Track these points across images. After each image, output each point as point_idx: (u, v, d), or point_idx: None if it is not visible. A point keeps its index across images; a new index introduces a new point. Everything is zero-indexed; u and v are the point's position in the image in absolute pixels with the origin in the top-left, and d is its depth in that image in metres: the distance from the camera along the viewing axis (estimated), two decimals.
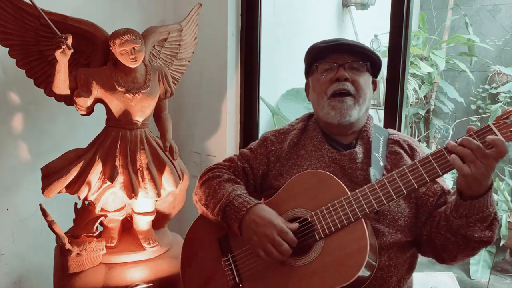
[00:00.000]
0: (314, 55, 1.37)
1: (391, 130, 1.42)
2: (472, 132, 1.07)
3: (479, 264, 3.34)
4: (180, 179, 1.83)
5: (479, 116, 4.00)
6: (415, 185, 1.11)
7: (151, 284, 1.71)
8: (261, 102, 2.50)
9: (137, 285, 1.70)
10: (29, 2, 1.59)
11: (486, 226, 1.12)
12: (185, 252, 1.42)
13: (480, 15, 4.01)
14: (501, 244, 3.28)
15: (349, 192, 1.16)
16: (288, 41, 3.07)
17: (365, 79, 1.32)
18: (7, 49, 1.69)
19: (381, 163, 1.27)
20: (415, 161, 1.12)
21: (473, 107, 4.01)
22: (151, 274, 1.75)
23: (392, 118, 1.88)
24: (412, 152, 1.34)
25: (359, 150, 1.31)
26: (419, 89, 3.69)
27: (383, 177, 1.15)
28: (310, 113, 1.48)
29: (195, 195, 1.43)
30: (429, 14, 4.05)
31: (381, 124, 1.93)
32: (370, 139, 1.33)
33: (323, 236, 1.16)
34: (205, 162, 2.44)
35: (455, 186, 1.18)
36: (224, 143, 2.36)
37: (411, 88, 3.53)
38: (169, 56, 1.96)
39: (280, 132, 1.44)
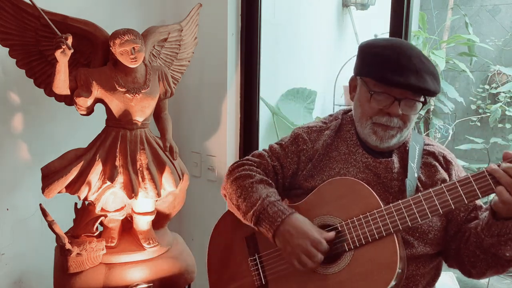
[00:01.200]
0: (374, 72, 1.23)
1: (426, 139, 1.38)
2: None
3: None
4: (180, 179, 1.83)
5: (479, 116, 4.00)
6: (452, 206, 1.08)
7: (151, 284, 1.71)
8: (261, 102, 2.50)
9: (137, 285, 1.70)
10: (29, 2, 1.59)
11: None
12: (213, 245, 1.42)
13: (480, 15, 4.01)
14: None
15: (382, 205, 1.15)
16: (288, 41, 3.07)
17: (416, 110, 1.25)
18: (7, 49, 1.69)
19: (415, 174, 1.25)
20: (455, 180, 1.10)
21: (473, 107, 4.01)
22: (151, 274, 1.75)
23: None
24: (447, 165, 1.31)
25: (395, 159, 1.28)
26: None
27: (420, 194, 1.12)
28: (345, 110, 1.43)
29: (224, 189, 1.40)
30: (429, 14, 4.05)
31: None
32: (407, 148, 1.29)
33: (353, 247, 1.15)
34: (205, 162, 2.44)
35: (486, 201, 1.18)
36: (224, 143, 2.36)
37: None
38: (169, 56, 1.96)
39: (312, 129, 1.38)
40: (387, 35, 1.90)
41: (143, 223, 1.83)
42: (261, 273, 1.26)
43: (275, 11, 2.90)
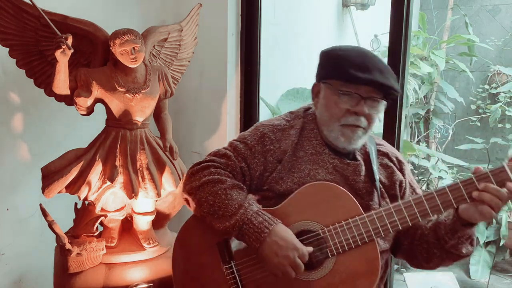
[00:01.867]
0: (338, 69, 1.25)
1: (377, 139, 1.41)
2: (488, 172, 1.11)
3: (479, 264, 3.34)
4: (180, 179, 1.83)
5: (479, 116, 4.00)
6: (430, 214, 1.15)
7: (151, 284, 1.71)
8: (261, 102, 2.50)
9: (137, 285, 1.70)
10: (29, 2, 1.59)
11: (470, 242, 1.21)
12: (178, 255, 1.35)
13: (480, 15, 4.01)
14: (501, 244, 3.28)
15: (363, 213, 1.18)
16: (288, 41, 3.07)
17: (380, 110, 1.29)
18: (7, 49, 1.69)
19: (376, 176, 1.29)
20: (433, 190, 1.16)
21: (473, 107, 4.01)
22: (151, 274, 1.75)
23: (392, 118, 1.88)
24: (400, 166, 1.37)
25: (361, 162, 1.31)
26: (419, 89, 3.68)
27: (400, 202, 1.17)
28: (306, 108, 1.41)
29: (187, 194, 1.31)
30: (429, 14, 4.05)
31: (381, 124, 1.93)
32: (367, 150, 1.33)
33: (335, 253, 1.17)
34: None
35: None
36: (224, 143, 2.33)
37: (411, 88, 3.53)
38: (169, 56, 1.96)
39: (277, 128, 1.34)
40: (387, 35, 1.90)
41: (143, 223, 1.83)
42: (238, 282, 1.23)
43: (275, 11, 2.90)
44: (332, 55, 1.29)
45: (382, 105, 1.28)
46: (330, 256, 1.17)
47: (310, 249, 1.18)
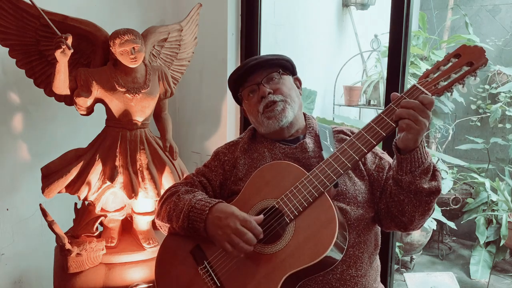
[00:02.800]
0: (234, 86, 1.47)
1: (333, 126, 1.50)
2: (403, 94, 1.18)
3: (479, 264, 3.34)
4: (180, 179, 1.83)
5: (479, 116, 4.00)
6: (365, 150, 1.19)
7: (151, 284, 1.71)
8: None
9: (137, 285, 1.70)
10: (29, 2, 1.59)
11: (430, 177, 1.21)
12: (159, 273, 1.38)
13: (480, 15, 4.01)
14: (501, 244, 3.28)
15: (307, 172, 1.23)
16: (288, 41, 3.07)
17: (285, 82, 1.42)
18: (7, 49, 1.69)
19: (331, 149, 1.35)
20: (360, 129, 1.22)
21: (473, 107, 4.01)
22: (151, 274, 1.75)
23: None
24: None
25: (308, 140, 1.38)
26: None
27: (335, 151, 1.23)
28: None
29: (157, 218, 1.43)
30: (429, 14, 4.05)
31: None
32: (317, 132, 1.42)
33: (292, 217, 1.20)
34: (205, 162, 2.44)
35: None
36: (224, 143, 2.36)
37: None
38: (169, 56, 1.96)
39: (230, 144, 1.50)
40: (387, 35, 1.90)
41: (143, 223, 1.83)
42: (214, 278, 1.26)
43: (275, 11, 2.89)
44: (228, 82, 1.50)
45: (287, 79, 1.44)
46: (289, 221, 1.20)
47: (260, 217, 1.22)
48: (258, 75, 1.41)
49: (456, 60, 1.16)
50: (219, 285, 1.25)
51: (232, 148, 1.48)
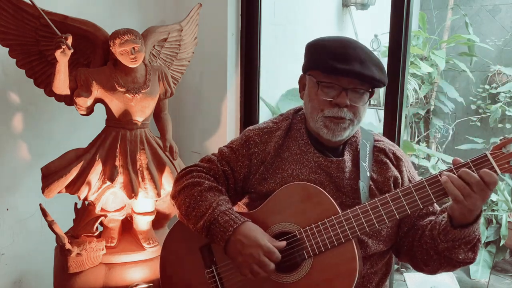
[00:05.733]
0: (319, 63, 1.24)
1: (376, 135, 1.39)
2: (469, 161, 1.07)
3: (479, 264, 3.34)
4: None
5: (479, 116, 4.00)
6: (408, 211, 1.10)
7: (151, 284, 1.71)
8: (261, 102, 2.49)
9: (137, 285, 1.70)
10: (29, 2, 1.59)
11: (469, 248, 1.14)
12: (164, 259, 1.37)
13: (480, 15, 4.00)
14: (501, 244, 3.28)
15: (340, 211, 1.15)
16: (288, 41, 3.07)
17: (364, 101, 1.26)
18: (7, 49, 1.69)
19: (368, 173, 1.26)
20: (410, 185, 1.12)
21: (473, 107, 4.01)
22: (151, 274, 1.75)
23: (392, 118, 1.88)
24: (397, 162, 1.32)
25: (347, 158, 1.28)
26: (419, 89, 3.68)
27: (376, 199, 1.13)
28: (296, 109, 1.41)
29: (173, 198, 1.35)
30: (429, 14, 4.05)
31: (381, 124, 1.93)
32: (358, 147, 1.30)
33: (312, 255, 1.15)
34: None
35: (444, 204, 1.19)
36: (224, 143, 2.35)
37: (411, 88, 3.53)
38: (169, 56, 1.96)
39: (263, 131, 1.36)
40: (387, 35, 1.90)
41: (143, 223, 1.83)
42: (219, 285, 1.23)
43: (275, 11, 2.89)
44: (314, 46, 1.28)
45: (367, 96, 1.26)
46: (307, 257, 1.15)
47: (283, 243, 1.16)
48: (352, 80, 1.21)
49: None
50: None
51: (265, 137, 1.34)
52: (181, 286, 1.33)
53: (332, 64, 1.19)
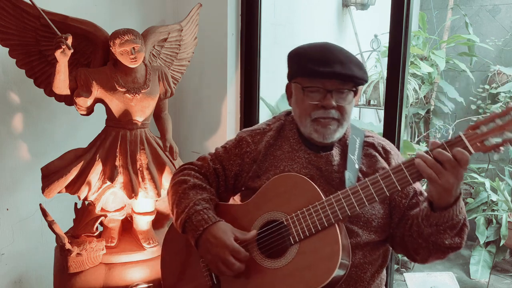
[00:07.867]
0: (302, 70, 1.30)
1: (367, 132, 1.42)
2: (443, 142, 1.10)
3: (479, 264, 3.34)
4: None
5: (479, 116, 4.00)
6: (387, 193, 1.14)
7: (151, 284, 1.72)
8: (261, 102, 2.49)
9: (137, 285, 1.70)
10: (29, 2, 1.59)
11: (455, 233, 1.17)
12: (165, 252, 1.45)
13: (480, 15, 4.00)
14: (501, 244, 3.28)
15: (323, 197, 1.19)
16: (288, 41, 3.07)
17: (350, 100, 1.30)
18: (7, 49, 1.69)
19: (356, 166, 1.30)
20: (388, 168, 1.15)
21: (473, 107, 4.01)
22: (151, 274, 1.75)
23: (392, 118, 1.88)
24: (386, 155, 1.36)
25: (335, 152, 1.32)
26: (419, 89, 3.68)
27: (357, 184, 1.17)
28: (288, 111, 1.47)
29: (167, 195, 1.44)
30: (429, 14, 4.05)
31: (381, 124, 1.93)
32: (347, 142, 1.35)
33: (298, 240, 1.18)
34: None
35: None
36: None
37: (411, 88, 3.53)
38: (169, 56, 1.96)
39: (256, 132, 1.43)
40: (387, 35, 1.90)
41: (143, 223, 1.83)
42: (212, 273, 1.29)
43: (275, 11, 2.90)
44: (296, 54, 1.34)
45: (351, 95, 1.30)
46: (293, 243, 1.19)
47: (253, 232, 1.21)
48: (334, 82, 1.26)
49: None
50: (215, 282, 1.28)
51: (257, 137, 1.40)
52: (180, 276, 1.39)
53: (314, 68, 1.24)
